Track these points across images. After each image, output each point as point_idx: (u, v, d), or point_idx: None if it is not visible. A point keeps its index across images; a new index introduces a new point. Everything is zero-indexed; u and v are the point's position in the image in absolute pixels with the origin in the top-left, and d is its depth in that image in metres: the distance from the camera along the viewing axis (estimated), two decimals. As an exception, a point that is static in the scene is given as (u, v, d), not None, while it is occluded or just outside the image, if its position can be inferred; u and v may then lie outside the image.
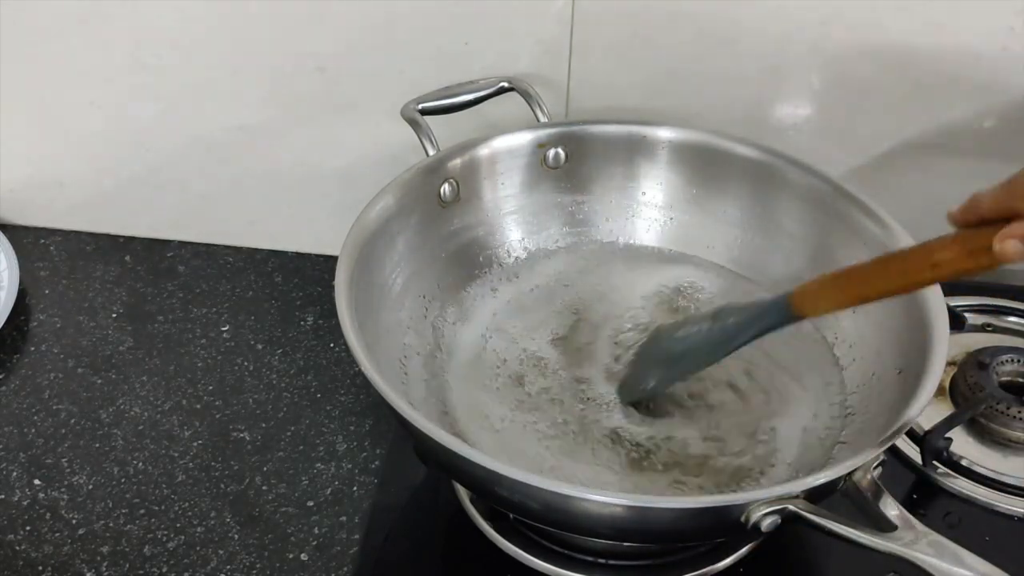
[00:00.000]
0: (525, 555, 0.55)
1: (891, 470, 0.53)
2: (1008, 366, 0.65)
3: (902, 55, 0.65)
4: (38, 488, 0.61)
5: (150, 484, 0.62)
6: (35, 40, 0.71)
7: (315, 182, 0.76)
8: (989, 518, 0.58)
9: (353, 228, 0.56)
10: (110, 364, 0.70)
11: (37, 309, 0.74)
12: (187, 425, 0.65)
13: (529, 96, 0.66)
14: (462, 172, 0.63)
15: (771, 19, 0.64)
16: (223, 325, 0.73)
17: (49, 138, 0.76)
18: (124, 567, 0.57)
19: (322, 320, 0.74)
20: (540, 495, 0.44)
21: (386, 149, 0.71)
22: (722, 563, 0.55)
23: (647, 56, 0.67)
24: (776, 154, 0.63)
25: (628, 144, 0.66)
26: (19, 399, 0.67)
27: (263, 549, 0.58)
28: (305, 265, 0.79)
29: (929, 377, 0.48)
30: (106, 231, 0.81)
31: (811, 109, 0.68)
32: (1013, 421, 0.61)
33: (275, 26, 0.68)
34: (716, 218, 0.66)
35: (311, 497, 0.61)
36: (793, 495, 0.43)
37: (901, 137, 0.69)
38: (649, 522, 0.45)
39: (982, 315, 0.70)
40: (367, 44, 0.68)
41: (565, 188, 0.67)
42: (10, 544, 0.58)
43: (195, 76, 0.71)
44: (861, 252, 0.59)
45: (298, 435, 0.65)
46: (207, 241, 0.81)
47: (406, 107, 0.63)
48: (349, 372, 0.69)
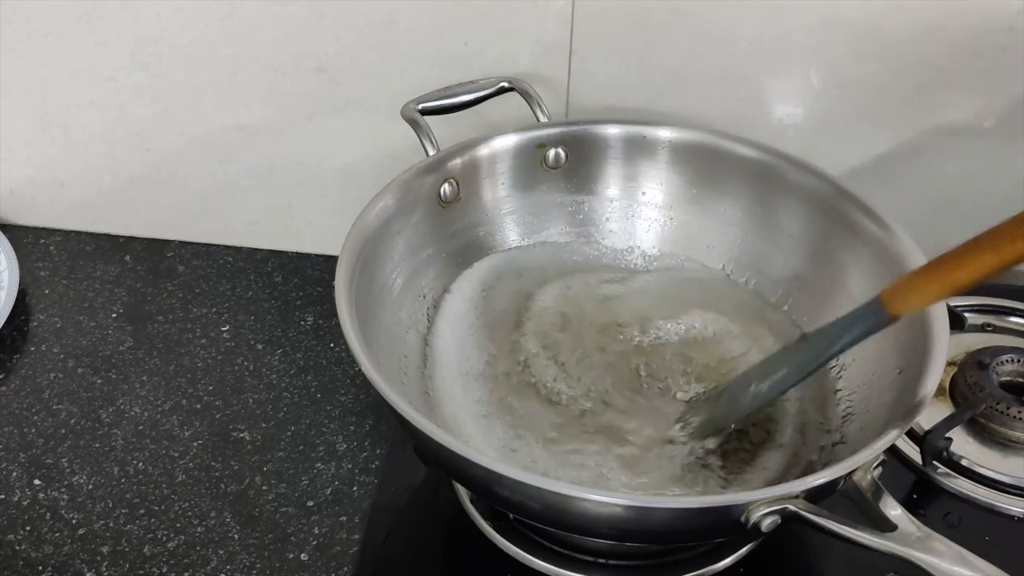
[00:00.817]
0: (525, 555, 0.55)
1: (891, 470, 0.53)
2: (1008, 366, 0.65)
3: (902, 55, 0.65)
4: (38, 488, 0.61)
5: (150, 484, 0.62)
6: (35, 40, 0.71)
7: (315, 182, 0.76)
8: (989, 518, 0.58)
9: (353, 228, 0.56)
10: (110, 364, 0.70)
11: (37, 309, 0.74)
12: (187, 425, 0.65)
13: (529, 96, 0.66)
14: (462, 172, 0.63)
15: (771, 19, 0.64)
16: (223, 325, 0.73)
17: (49, 138, 0.76)
18: (124, 567, 0.57)
19: (322, 320, 0.74)
20: (540, 495, 0.44)
21: (386, 149, 0.71)
22: (722, 563, 0.55)
23: (647, 56, 0.67)
24: (776, 154, 0.63)
25: (628, 144, 0.66)
26: (19, 399, 0.67)
27: (263, 549, 0.58)
28: (305, 265, 0.79)
29: (929, 377, 0.48)
30: (106, 231, 0.81)
31: (811, 109, 0.68)
32: (1013, 421, 0.61)
33: (275, 26, 0.68)
34: (716, 218, 0.66)
35: (311, 497, 0.61)
36: (793, 495, 0.43)
37: (901, 137, 0.69)
38: (649, 522, 0.45)
39: (982, 315, 0.70)
40: (367, 44, 0.68)
41: (565, 188, 0.67)
42: (10, 544, 0.58)
43: (195, 76, 0.71)
44: (861, 252, 0.59)
45: (298, 435, 0.65)
46: (207, 241, 0.81)
47: (406, 107, 0.63)
48: (349, 372, 0.69)
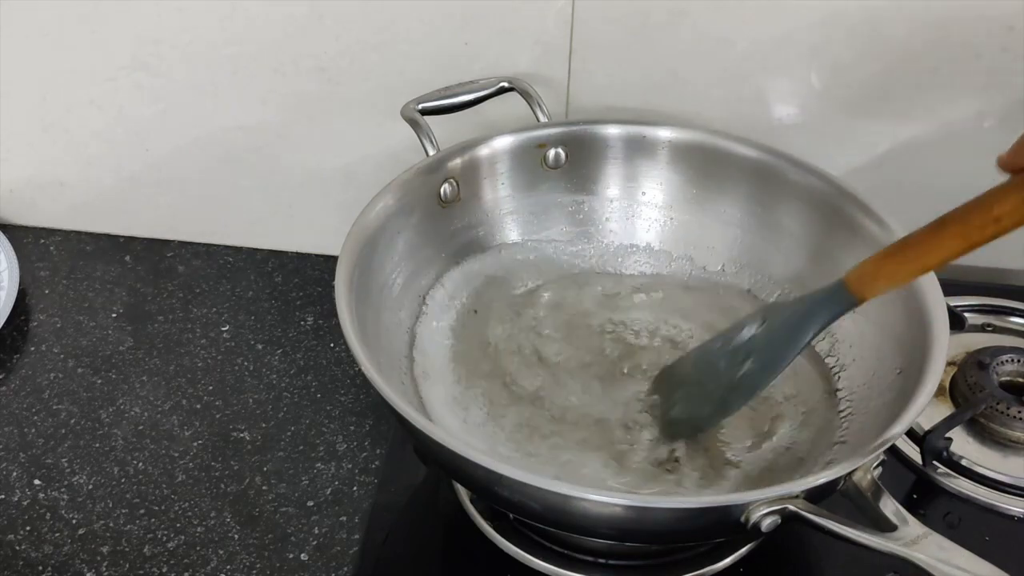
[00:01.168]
0: (525, 555, 0.55)
1: (891, 470, 0.53)
2: (1008, 366, 0.65)
3: (902, 55, 0.65)
4: (38, 488, 0.61)
5: (150, 484, 0.62)
6: (35, 40, 0.71)
7: (315, 182, 0.76)
8: (989, 518, 0.58)
9: (353, 228, 0.56)
10: (110, 364, 0.70)
11: (37, 309, 0.74)
12: (187, 425, 0.65)
13: (529, 96, 0.66)
14: (462, 172, 0.63)
15: (771, 19, 0.64)
16: (223, 325, 0.73)
17: (49, 138, 0.76)
18: (124, 567, 0.57)
19: (322, 320, 0.74)
20: (540, 495, 0.44)
21: (386, 149, 0.71)
22: (722, 563, 0.55)
23: (647, 56, 0.67)
24: (776, 154, 0.63)
25: (628, 144, 0.66)
26: (19, 399, 0.67)
27: (263, 549, 0.58)
28: (305, 265, 0.79)
29: (929, 377, 0.48)
30: (106, 231, 0.81)
31: (811, 109, 0.68)
32: (1013, 421, 0.61)
33: (275, 26, 0.68)
34: (716, 218, 0.66)
35: (311, 497, 0.61)
36: (793, 495, 0.43)
37: (901, 137, 0.69)
38: (649, 522, 0.46)
39: (982, 315, 0.70)
40: (367, 44, 0.68)
41: (565, 188, 0.67)
42: (10, 544, 0.58)
43: (195, 76, 0.71)
44: (861, 252, 0.58)
45: (298, 435, 0.65)
46: (207, 241, 0.81)
47: (406, 107, 0.63)
48: (349, 372, 0.69)
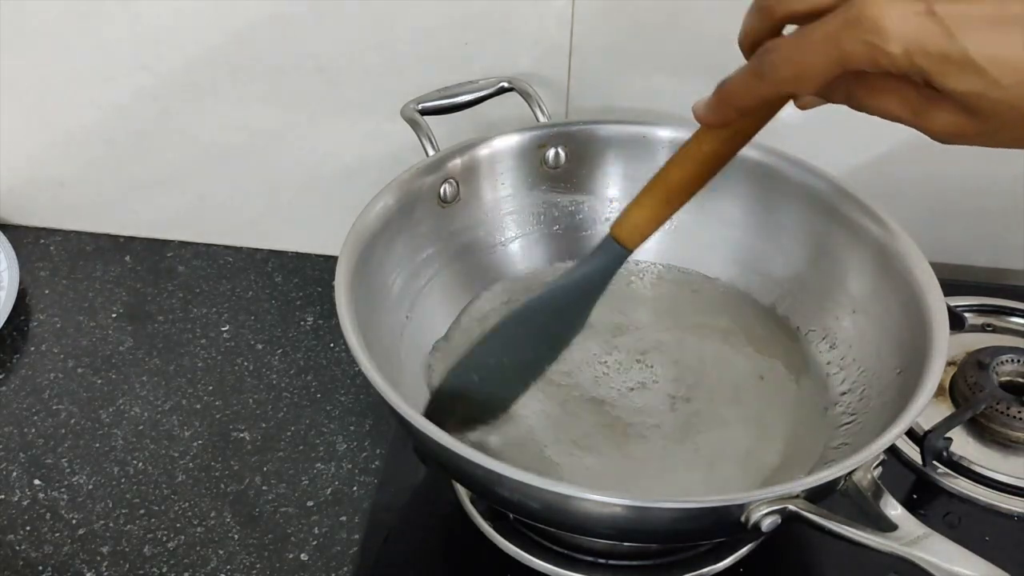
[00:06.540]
0: (525, 555, 0.55)
1: (891, 470, 0.53)
2: (1008, 366, 0.65)
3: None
4: (38, 488, 0.61)
5: (150, 484, 0.62)
6: (35, 39, 0.71)
7: (315, 182, 0.76)
8: (989, 518, 0.58)
9: (353, 228, 0.56)
10: (110, 364, 0.70)
11: (37, 309, 0.74)
12: (187, 425, 0.65)
13: (529, 96, 0.66)
14: (462, 172, 0.63)
15: (771, 19, 0.64)
16: (223, 325, 0.73)
17: (49, 138, 0.76)
18: (124, 567, 0.57)
19: (322, 320, 0.74)
20: (540, 495, 0.44)
21: (386, 149, 0.71)
22: (722, 563, 0.55)
23: (647, 56, 0.67)
24: (776, 154, 0.63)
25: (628, 144, 0.66)
26: (19, 399, 0.67)
27: (263, 549, 0.58)
28: (305, 265, 0.79)
29: (929, 377, 0.48)
30: (106, 231, 0.81)
31: (811, 109, 0.68)
32: (1013, 421, 0.61)
33: (275, 26, 0.68)
34: (716, 218, 0.66)
35: (311, 497, 0.61)
36: (793, 495, 0.43)
37: (901, 137, 0.68)
38: (649, 522, 0.45)
39: (982, 315, 0.70)
40: (367, 44, 0.68)
41: (565, 188, 0.67)
42: (10, 544, 0.58)
43: (195, 76, 0.71)
44: (861, 252, 0.59)
45: (298, 435, 0.65)
46: (207, 241, 0.81)
47: (406, 107, 0.63)
48: (349, 372, 0.69)
